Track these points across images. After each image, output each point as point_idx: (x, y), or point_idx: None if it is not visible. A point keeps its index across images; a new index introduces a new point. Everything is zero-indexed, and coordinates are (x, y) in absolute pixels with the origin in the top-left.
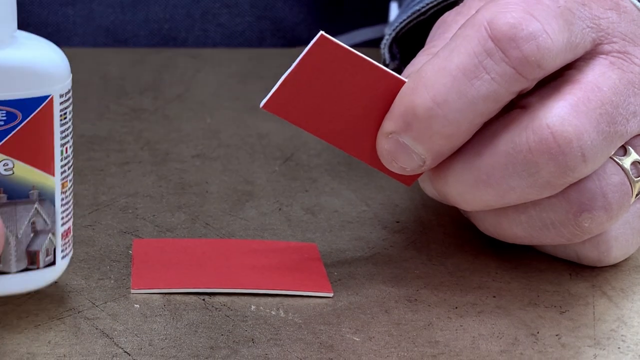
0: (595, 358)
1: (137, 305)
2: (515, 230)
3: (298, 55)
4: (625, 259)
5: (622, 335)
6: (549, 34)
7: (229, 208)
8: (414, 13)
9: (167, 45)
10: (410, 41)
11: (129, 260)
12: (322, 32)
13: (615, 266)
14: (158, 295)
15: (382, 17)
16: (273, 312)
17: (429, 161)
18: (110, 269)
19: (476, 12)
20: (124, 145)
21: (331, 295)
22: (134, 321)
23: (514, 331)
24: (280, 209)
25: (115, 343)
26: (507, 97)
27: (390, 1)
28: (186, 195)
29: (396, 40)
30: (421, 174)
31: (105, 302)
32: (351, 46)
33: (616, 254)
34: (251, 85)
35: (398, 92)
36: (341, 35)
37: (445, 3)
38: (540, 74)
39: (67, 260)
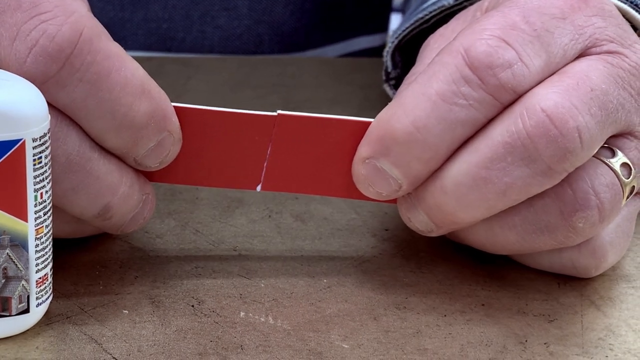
0: None
1: (126, 311)
2: (509, 236)
3: (291, 63)
4: (614, 268)
5: (609, 344)
6: (524, 62)
7: (219, 215)
8: (416, 21)
9: (164, 45)
10: (414, 50)
11: (118, 266)
12: (279, 111)
13: (603, 275)
14: (147, 301)
15: (381, 25)
16: (262, 319)
17: (405, 186)
18: (99, 275)
19: (454, 39)
20: None
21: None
22: (122, 327)
23: (502, 339)
24: (270, 216)
25: (103, 349)
26: (483, 121)
27: (391, 11)
28: (176, 202)
29: (399, 49)
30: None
31: (94, 308)
32: (349, 54)
33: (612, 259)
34: (242, 93)
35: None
36: (339, 42)
37: (448, 11)
38: (514, 98)
39: (43, 307)
